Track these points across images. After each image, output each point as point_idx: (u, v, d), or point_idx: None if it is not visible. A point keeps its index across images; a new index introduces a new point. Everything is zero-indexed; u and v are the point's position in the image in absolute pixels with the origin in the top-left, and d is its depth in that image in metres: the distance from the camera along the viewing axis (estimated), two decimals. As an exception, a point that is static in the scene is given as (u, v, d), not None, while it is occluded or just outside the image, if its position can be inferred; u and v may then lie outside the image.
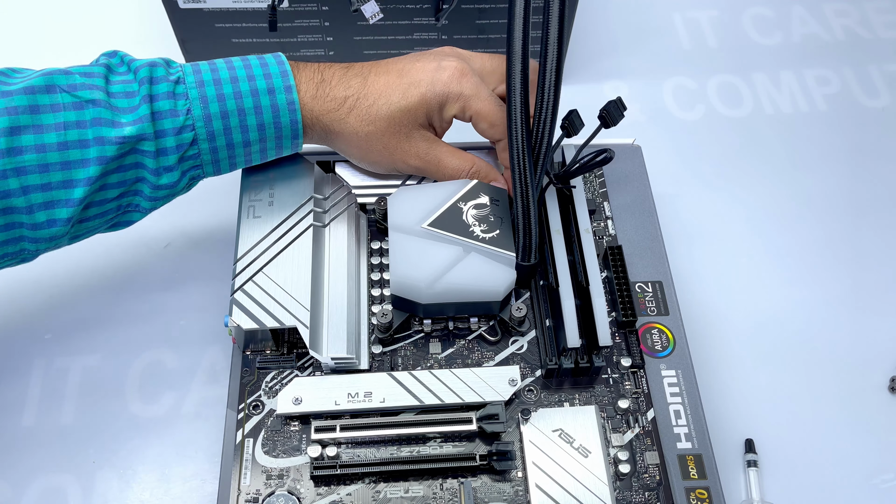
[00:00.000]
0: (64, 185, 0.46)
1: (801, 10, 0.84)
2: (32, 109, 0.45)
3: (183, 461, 0.56)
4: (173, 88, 0.48)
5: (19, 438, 0.56)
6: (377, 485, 0.48)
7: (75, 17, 0.80)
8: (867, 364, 0.61)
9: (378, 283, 0.56)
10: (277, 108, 0.50)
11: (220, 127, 0.49)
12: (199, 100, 0.49)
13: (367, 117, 0.52)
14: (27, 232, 0.47)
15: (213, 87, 0.49)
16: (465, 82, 0.53)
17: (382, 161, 0.55)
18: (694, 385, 0.52)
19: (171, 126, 0.48)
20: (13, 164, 0.45)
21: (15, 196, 0.45)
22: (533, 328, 0.54)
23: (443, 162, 0.55)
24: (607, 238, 0.58)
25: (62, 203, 0.47)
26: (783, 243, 0.67)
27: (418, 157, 0.55)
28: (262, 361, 0.53)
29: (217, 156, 0.51)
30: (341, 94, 0.52)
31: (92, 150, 0.46)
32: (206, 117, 0.49)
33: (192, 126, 0.49)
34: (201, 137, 0.49)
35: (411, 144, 0.54)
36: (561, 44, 0.49)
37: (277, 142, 0.52)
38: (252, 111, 0.50)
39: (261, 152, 0.53)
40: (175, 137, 0.48)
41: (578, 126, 0.54)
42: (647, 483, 0.49)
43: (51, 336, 0.60)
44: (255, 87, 0.50)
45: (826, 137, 0.74)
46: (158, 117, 0.48)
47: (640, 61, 0.79)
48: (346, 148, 0.55)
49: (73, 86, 0.47)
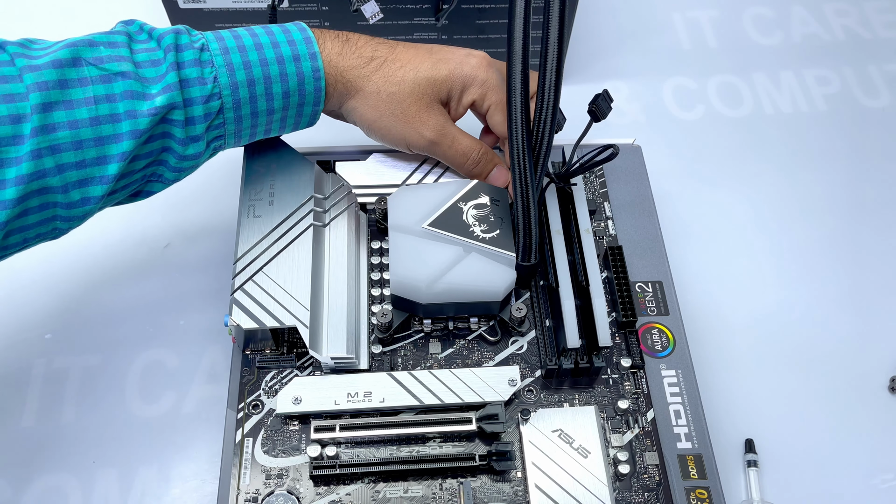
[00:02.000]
0: (98, 162, 0.45)
1: (801, 10, 0.84)
2: (62, 84, 0.43)
3: (183, 461, 0.56)
4: (199, 56, 0.47)
5: (19, 438, 0.56)
6: (376, 485, 0.48)
7: (75, 16, 0.80)
8: (867, 364, 0.61)
9: (378, 282, 0.56)
10: (303, 75, 0.50)
11: (247, 95, 0.49)
12: (224, 67, 0.47)
13: (392, 78, 0.53)
14: (61, 211, 0.45)
15: (238, 54, 0.48)
16: (490, 72, 0.55)
17: (396, 128, 0.54)
18: (694, 385, 0.52)
19: (199, 94, 0.47)
20: (48, 141, 0.43)
21: (51, 175, 0.43)
22: (533, 328, 0.54)
23: (456, 139, 0.55)
24: (607, 238, 0.58)
25: (96, 180, 0.45)
26: (783, 243, 0.67)
27: (434, 130, 0.54)
28: (261, 361, 0.53)
29: (240, 125, 0.50)
30: (368, 54, 0.53)
31: (124, 125, 0.45)
32: (232, 85, 0.48)
33: (219, 94, 0.48)
34: (227, 106, 0.48)
35: (430, 115, 0.54)
36: (561, 44, 0.49)
37: (298, 109, 0.52)
38: (278, 79, 0.49)
39: (281, 121, 0.52)
40: (203, 106, 0.47)
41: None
42: (647, 483, 0.49)
43: (51, 336, 0.60)
44: (280, 54, 0.49)
45: (826, 137, 0.74)
46: (186, 85, 0.46)
47: (640, 61, 0.79)
48: (364, 109, 0.54)
49: (100, 58, 0.45)
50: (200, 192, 0.67)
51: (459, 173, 0.58)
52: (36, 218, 0.45)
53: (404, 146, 0.56)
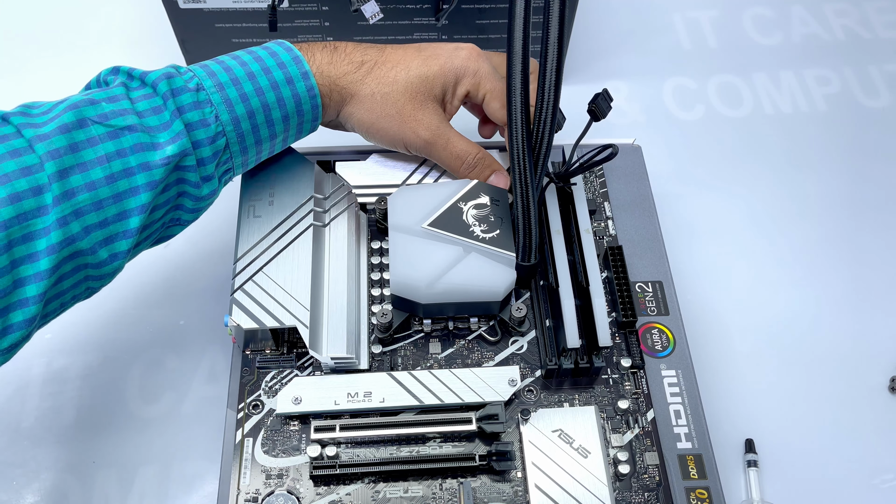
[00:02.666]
0: (119, 218, 0.45)
1: (801, 10, 0.84)
2: (73, 148, 0.43)
3: (183, 461, 0.56)
4: (196, 97, 0.47)
5: (20, 438, 0.56)
6: (376, 485, 0.48)
7: (75, 16, 0.80)
8: (867, 364, 0.61)
9: (378, 282, 0.56)
10: (299, 97, 0.50)
11: (249, 127, 0.49)
12: (223, 104, 0.48)
13: (385, 79, 0.53)
14: (92, 271, 0.46)
15: (233, 88, 0.48)
16: (481, 62, 0.55)
17: (392, 128, 0.54)
18: (694, 385, 0.52)
19: (204, 136, 0.47)
20: (71, 207, 0.43)
21: (79, 239, 0.44)
22: (533, 328, 0.54)
23: (452, 140, 0.55)
24: (607, 238, 0.58)
25: (120, 236, 0.46)
26: (783, 243, 0.67)
27: (429, 130, 0.54)
28: (261, 361, 0.53)
29: (247, 156, 0.51)
30: (358, 59, 0.53)
31: (139, 178, 0.45)
32: (234, 120, 0.48)
33: (223, 132, 0.48)
34: (232, 140, 0.49)
35: (425, 114, 0.54)
36: (561, 44, 0.49)
37: (298, 128, 0.52)
38: (276, 105, 0.50)
39: (283, 142, 0.53)
40: (211, 147, 0.48)
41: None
42: (647, 483, 0.49)
43: (51, 336, 0.60)
44: (273, 80, 0.50)
45: (826, 137, 0.74)
46: (191, 129, 0.47)
47: (640, 61, 0.79)
48: (360, 113, 0.54)
49: (104, 115, 0.45)
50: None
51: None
52: (70, 282, 0.45)
53: (402, 147, 0.56)
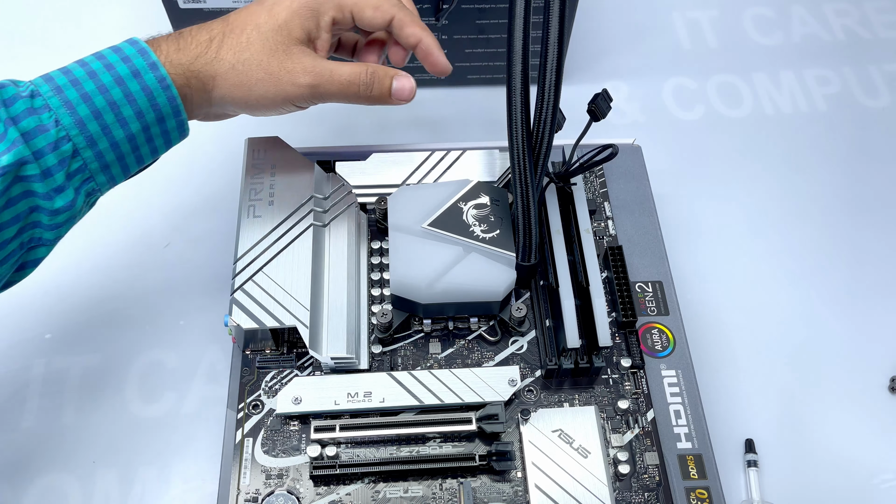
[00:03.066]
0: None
1: (801, 10, 0.84)
2: None
3: (183, 461, 0.56)
4: (30, 104, 0.44)
5: (19, 438, 0.56)
6: (376, 485, 0.48)
7: (75, 16, 0.80)
8: (867, 364, 0.61)
9: (378, 282, 0.56)
10: (150, 89, 0.46)
11: (98, 128, 0.45)
12: (63, 106, 0.44)
13: (238, 46, 0.49)
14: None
15: (72, 89, 0.45)
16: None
17: (269, 91, 0.50)
18: (694, 385, 0.52)
19: (45, 143, 0.43)
20: None
21: None
22: (533, 328, 0.54)
23: (335, 71, 0.50)
24: (607, 238, 0.58)
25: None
26: (783, 243, 0.67)
27: (306, 73, 0.50)
28: (261, 361, 0.53)
29: (104, 160, 0.46)
30: (205, 37, 0.49)
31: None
32: (78, 123, 0.44)
33: (66, 137, 0.44)
34: (81, 145, 0.45)
35: (294, 61, 0.50)
36: (561, 44, 0.49)
37: (160, 126, 0.48)
38: (124, 101, 0.46)
39: (148, 143, 0.48)
40: (55, 154, 0.44)
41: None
42: (647, 483, 0.49)
43: (51, 336, 0.60)
44: (116, 75, 0.46)
45: (826, 137, 0.74)
46: (29, 137, 0.43)
47: (640, 61, 0.79)
48: (229, 90, 0.49)
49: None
50: (201, 192, 0.67)
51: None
52: None
53: (290, 106, 0.51)
